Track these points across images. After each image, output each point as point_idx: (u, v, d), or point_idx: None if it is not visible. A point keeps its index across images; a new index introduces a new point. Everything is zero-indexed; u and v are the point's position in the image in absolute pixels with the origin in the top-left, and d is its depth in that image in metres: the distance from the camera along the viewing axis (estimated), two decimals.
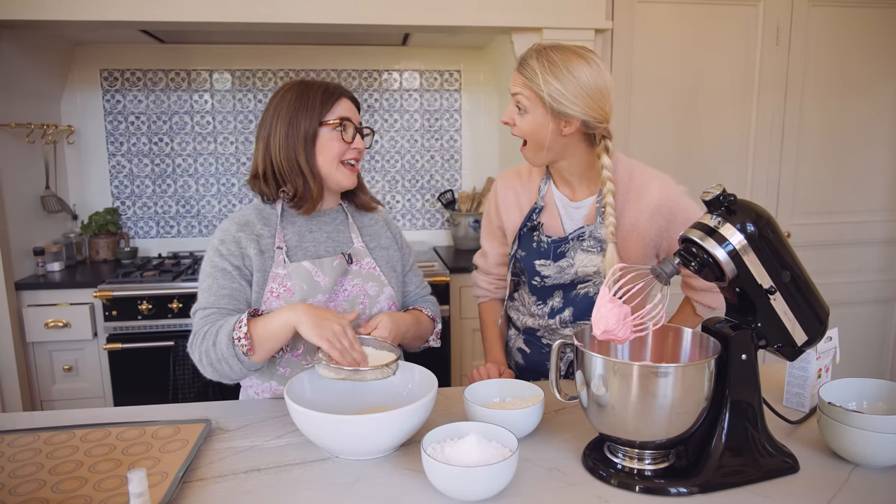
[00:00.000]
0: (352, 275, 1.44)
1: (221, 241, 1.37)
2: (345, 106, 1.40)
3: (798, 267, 1.06)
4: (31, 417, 1.33)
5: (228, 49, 3.12)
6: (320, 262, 1.40)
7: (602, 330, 1.06)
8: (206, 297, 1.34)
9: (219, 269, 1.35)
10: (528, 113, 1.37)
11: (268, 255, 1.38)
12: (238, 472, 1.09)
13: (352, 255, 1.45)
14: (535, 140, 1.39)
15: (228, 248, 1.36)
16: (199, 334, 1.30)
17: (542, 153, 1.41)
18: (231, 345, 1.24)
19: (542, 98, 1.33)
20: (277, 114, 1.37)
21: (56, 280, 2.62)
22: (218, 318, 1.31)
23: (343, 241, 1.48)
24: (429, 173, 3.39)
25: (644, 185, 1.44)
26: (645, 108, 2.88)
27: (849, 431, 1.05)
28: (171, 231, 3.25)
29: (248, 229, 1.38)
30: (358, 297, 1.43)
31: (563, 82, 1.31)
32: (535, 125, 1.37)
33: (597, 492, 1.03)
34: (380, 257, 1.50)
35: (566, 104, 1.32)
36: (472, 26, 2.52)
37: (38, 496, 1.01)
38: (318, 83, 1.40)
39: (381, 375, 1.21)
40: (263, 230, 1.40)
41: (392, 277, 1.50)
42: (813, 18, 2.91)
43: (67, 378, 2.62)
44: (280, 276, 1.37)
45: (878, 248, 3.18)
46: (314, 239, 1.44)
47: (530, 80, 1.34)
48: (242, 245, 1.37)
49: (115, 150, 3.14)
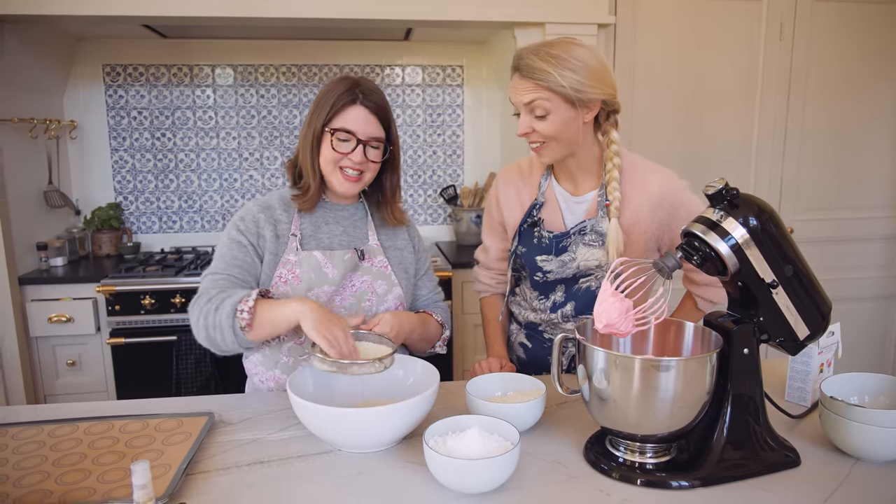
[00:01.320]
0: (362, 271, 1.44)
1: (241, 219, 1.42)
2: (355, 115, 1.36)
3: (800, 261, 1.06)
4: (35, 410, 1.33)
5: (230, 44, 3.12)
6: (331, 253, 1.42)
7: (604, 324, 1.06)
8: (218, 262, 1.38)
9: (235, 241, 1.39)
10: (550, 114, 1.33)
11: (282, 241, 1.41)
12: (241, 465, 1.10)
13: (364, 252, 1.46)
14: (565, 137, 1.37)
15: (247, 226, 1.40)
16: (205, 296, 1.31)
17: (565, 147, 1.39)
18: (232, 314, 1.25)
19: (564, 93, 1.31)
20: (314, 106, 1.40)
21: (59, 275, 2.63)
22: (227, 285, 1.33)
23: (359, 236, 1.49)
24: (431, 168, 3.39)
25: (646, 179, 1.44)
26: (648, 104, 2.87)
27: (850, 426, 1.05)
28: (174, 226, 3.25)
29: (268, 212, 1.42)
30: (365, 294, 1.44)
31: (577, 70, 1.31)
32: (561, 124, 1.34)
33: (598, 485, 1.03)
34: (393, 257, 1.50)
35: (587, 90, 1.32)
36: (474, 21, 2.51)
37: (42, 488, 1.01)
38: (347, 84, 1.37)
39: (373, 369, 1.21)
40: (283, 216, 1.43)
41: (403, 279, 1.50)
42: (817, 14, 2.90)
43: (71, 372, 2.63)
44: (291, 262, 1.39)
45: (881, 244, 3.17)
46: (329, 231, 1.46)
47: (544, 80, 1.31)
48: (260, 225, 1.40)
49: (118, 145, 3.14)
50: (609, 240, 1.40)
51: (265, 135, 3.23)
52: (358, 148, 1.37)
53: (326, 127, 1.37)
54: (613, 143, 1.42)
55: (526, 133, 1.38)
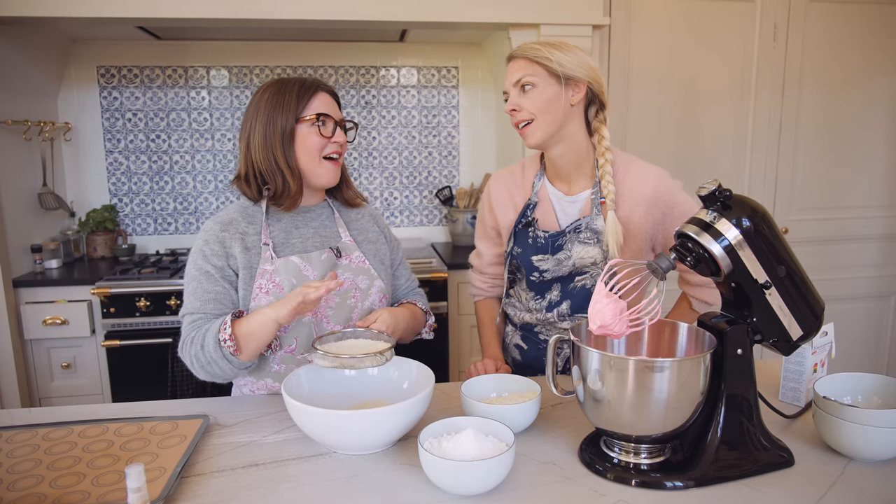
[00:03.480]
0: (342, 269, 1.44)
1: (205, 242, 1.37)
2: (322, 101, 1.39)
3: (793, 262, 1.07)
4: (29, 414, 1.33)
5: (225, 45, 3.12)
6: (308, 256, 1.41)
7: (598, 325, 1.07)
8: (191, 301, 1.36)
9: (203, 272, 1.36)
10: (535, 88, 1.40)
11: (254, 252, 1.38)
12: (236, 467, 1.10)
13: (340, 249, 1.45)
14: (548, 113, 1.41)
15: (212, 249, 1.36)
16: (188, 340, 1.33)
17: (551, 127, 1.42)
18: (218, 346, 1.27)
19: (551, 67, 1.38)
20: (256, 114, 1.37)
21: (54, 277, 2.62)
22: (204, 323, 1.33)
23: (331, 235, 1.48)
24: (426, 170, 3.39)
25: (640, 178, 1.45)
26: (642, 105, 2.88)
27: (843, 426, 1.06)
28: (169, 228, 3.25)
29: (231, 228, 1.39)
30: (349, 291, 1.44)
31: (567, 52, 1.40)
32: (546, 97, 1.40)
33: (593, 486, 1.03)
34: (368, 251, 1.51)
35: (574, 68, 1.39)
36: (469, 22, 2.52)
37: (37, 491, 1.01)
38: (294, 80, 1.39)
39: (375, 363, 1.22)
40: (248, 228, 1.40)
41: (381, 270, 1.51)
42: (810, 14, 2.91)
43: (66, 375, 2.63)
44: (268, 271, 1.37)
45: (876, 243, 3.18)
46: (301, 235, 1.44)
47: (532, 55, 1.39)
48: (226, 245, 1.37)
49: (113, 146, 3.14)
50: (608, 232, 1.41)
51: None
52: (338, 129, 1.40)
53: (301, 118, 1.36)
54: (604, 139, 1.46)
55: (513, 110, 1.43)
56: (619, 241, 1.40)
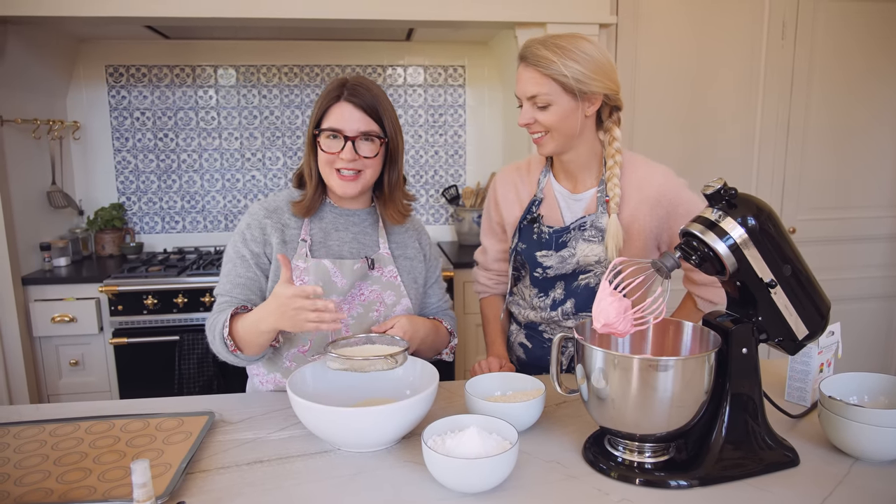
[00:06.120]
0: (371, 280, 1.42)
1: (248, 226, 1.40)
2: (340, 113, 1.33)
3: (799, 261, 1.06)
4: (36, 409, 1.34)
5: (233, 45, 3.13)
6: (341, 262, 1.40)
7: (602, 323, 1.06)
8: (223, 283, 1.39)
9: (239, 255, 1.39)
10: (551, 105, 1.36)
11: (290, 246, 1.40)
12: (241, 464, 1.10)
13: (374, 261, 1.43)
14: (565, 129, 1.39)
15: (252, 234, 1.39)
16: (210, 323, 1.36)
17: (565, 138, 1.40)
18: (223, 342, 1.30)
19: (566, 83, 1.34)
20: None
21: (62, 275, 2.64)
22: (228, 307, 1.34)
23: (369, 244, 1.46)
24: (433, 168, 3.40)
25: (645, 176, 1.44)
26: (649, 103, 2.87)
27: (849, 425, 1.05)
28: (177, 226, 3.26)
29: (275, 216, 1.41)
30: (374, 304, 1.42)
31: (581, 62, 1.34)
32: (562, 114, 1.37)
33: (597, 484, 1.03)
34: (403, 267, 1.48)
35: (590, 82, 1.35)
36: (476, 21, 2.52)
37: (44, 486, 1.02)
38: (336, 83, 1.35)
39: (386, 366, 1.21)
40: (290, 220, 1.42)
41: (412, 289, 1.48)
42: (819, 12, 2.89)
43: (74, 372, 2.64)
44: (300, 268, 1.38)
45: (884, 244, 3.16)
46: (339, 238, 1.43)
47: (547, 68, 1.34)
48: (267, 232, 1.39)
49: (121, 145, 3.15)
50: (608, 235, 1.41)
51: (267, 135, 3.24)
52: (347, 145, 1.32)
53: (316, 129, 1.36)
54: (616, 140, 1.44)
55: (527, 123, 1.40)
56: (619, 244, 1.40)
